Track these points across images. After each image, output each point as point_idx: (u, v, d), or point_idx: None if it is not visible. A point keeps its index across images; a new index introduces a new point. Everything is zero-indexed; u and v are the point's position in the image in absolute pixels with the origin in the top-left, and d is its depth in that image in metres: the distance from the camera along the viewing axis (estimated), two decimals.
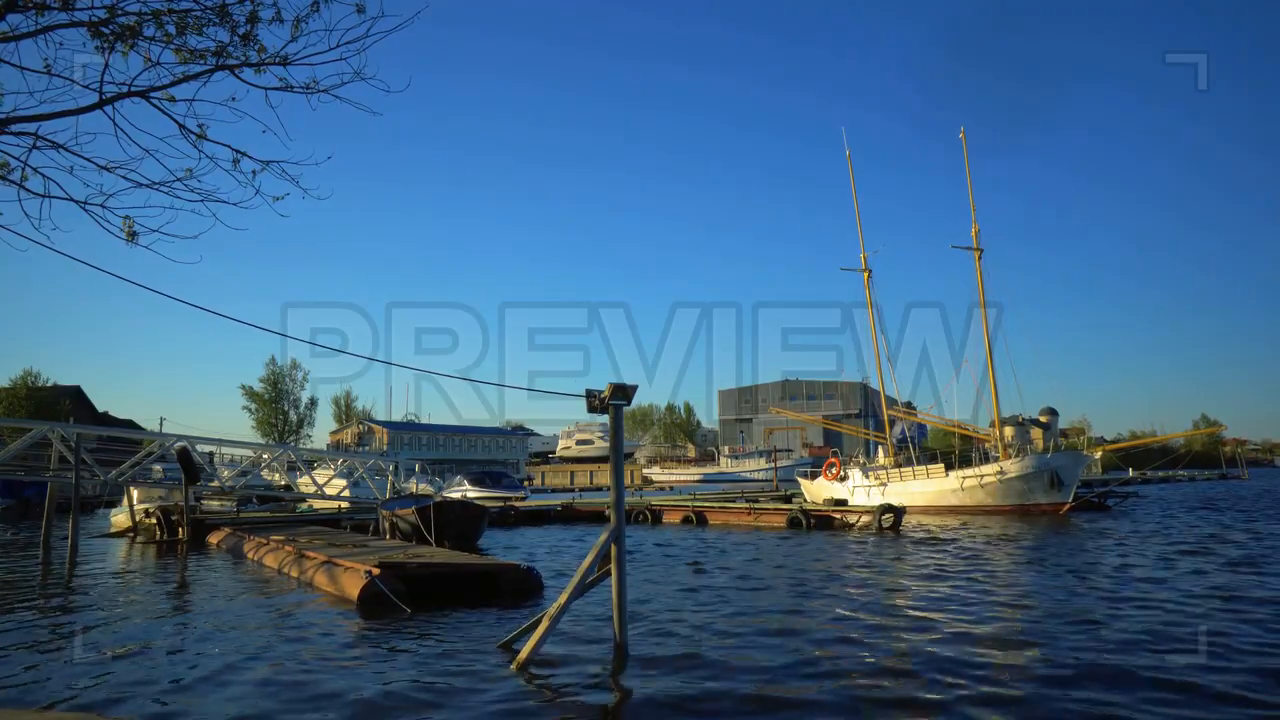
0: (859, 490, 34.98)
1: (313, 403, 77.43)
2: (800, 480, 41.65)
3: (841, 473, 37.13)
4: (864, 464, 38.06)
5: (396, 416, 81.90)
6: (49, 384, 60.09)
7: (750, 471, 71.42)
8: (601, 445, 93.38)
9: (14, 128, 5.38)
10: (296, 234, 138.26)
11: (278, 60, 5.72)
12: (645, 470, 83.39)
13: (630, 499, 31.00)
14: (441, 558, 12.97)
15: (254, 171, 5.92)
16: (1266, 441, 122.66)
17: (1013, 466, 30.91)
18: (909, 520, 25.51)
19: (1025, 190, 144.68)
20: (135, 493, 24.44)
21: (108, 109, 5.55)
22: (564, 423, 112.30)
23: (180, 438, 23.64)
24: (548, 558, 17.55)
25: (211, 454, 26.89)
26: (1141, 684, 6.87)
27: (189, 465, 21.55)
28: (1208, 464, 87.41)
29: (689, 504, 29.97)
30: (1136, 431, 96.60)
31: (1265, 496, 40.21)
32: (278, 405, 74.90)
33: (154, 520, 23.02)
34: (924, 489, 33.00)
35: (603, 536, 8.08)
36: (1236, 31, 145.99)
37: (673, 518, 28.74)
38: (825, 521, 24.75)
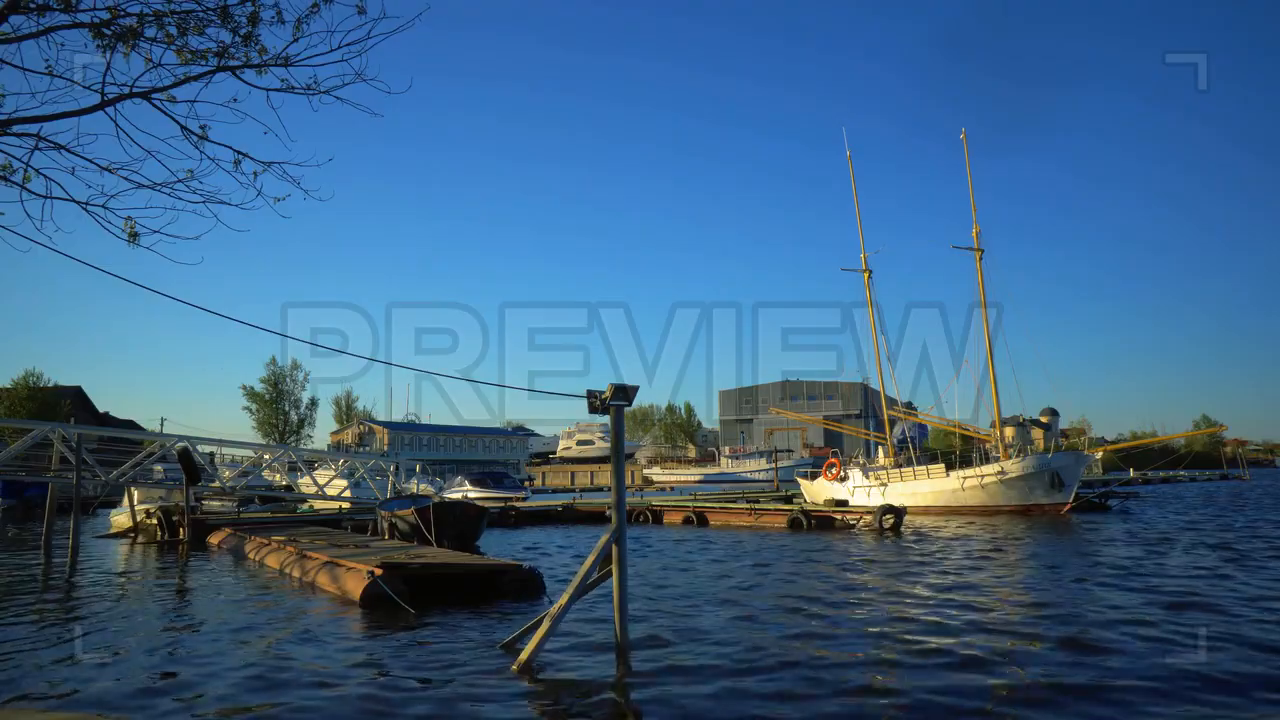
0: (859, 491, 34.96)
1: (313, 403, 77.50)
2: (800, 481, 41.61)
3: (842, 473, 37.10)
4: (864, 464, 38.02)
5: (397, 417, 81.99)
6: (50, 384, 60.13)
7: (751, 472, 71.31)
8: (602, 446, 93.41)
9: (16, 129, 5.39)
10: (297, 235, 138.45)
11: (279, 61, 5.73)
12: (646, 471, 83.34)
13: (631, 499, 31.00)
14: (443, 558, 12.97)
15: (255, 173, 5.94)
16: (1267, 442, 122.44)
17: (1014, 467, 30.89)
18: (910, 520, 25.50)
19: (1025, 190, 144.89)
20: (136, 493, 24.44)
21: (109, 110, 5.56)
22: (564, 423, 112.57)
23: (181, 438, 23.64)
24: (549, 558, 17.55)
25: (212, 454, 26.93)
26: (1143, 684, 6.87)
27: (190, 466, 21.55)
28: (1208, 465, 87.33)
29: (690, 504, 29.97)
30: (1137, 432, 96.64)
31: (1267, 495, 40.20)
32: (278, 406, 74.88)
33: (155, 521, 23.02)
34: (924, 489, 32.98)
35: (604, 538, 8.08)
36: (1236, 31, 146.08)
37: (673, 518, 28.74)
38: (826, 522, 24.74)
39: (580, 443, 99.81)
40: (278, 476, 32.34)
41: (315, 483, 27.46)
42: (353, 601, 11.07)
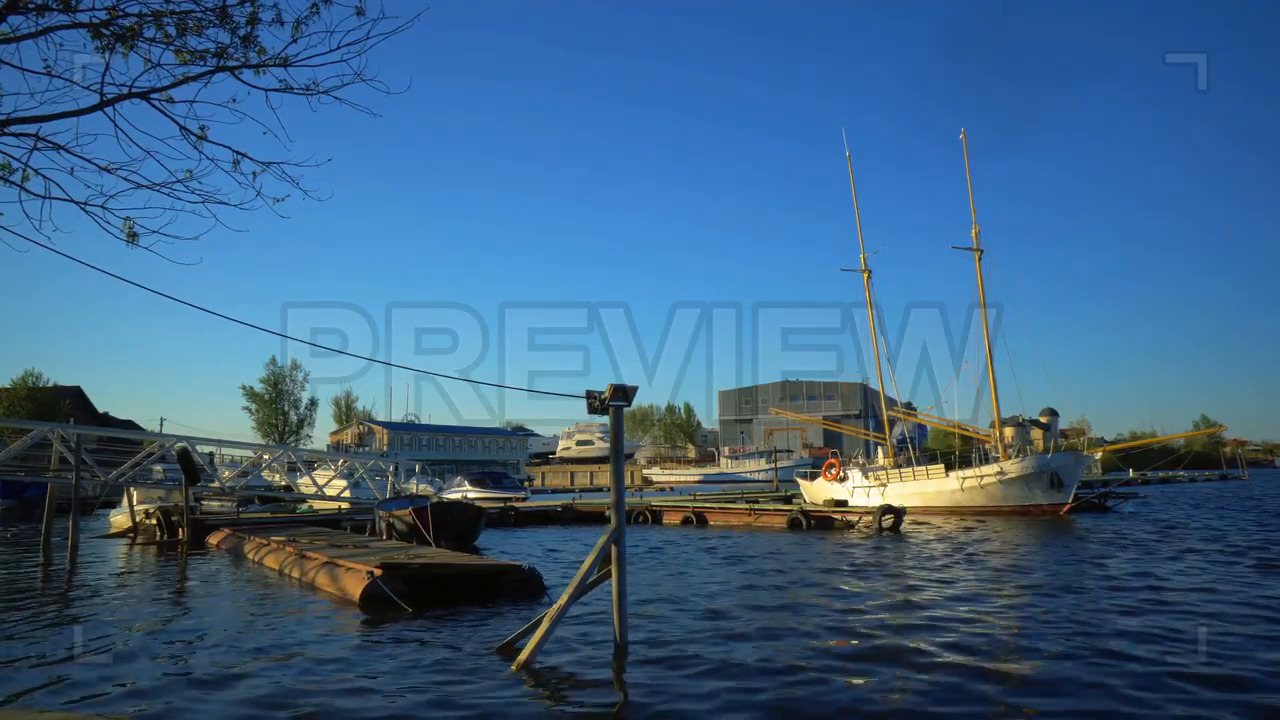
0: (859, 491, 34.95)
1: (313, 403, 77.41)
2: (800, 481, 41.60)
3: (841, 473, 37.09)
4: (864, 465, 38.01)
5: (396, 417, 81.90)
6: (49, 384, 60.04)
7: (750, 472, 71.31)
8: (602, 446, 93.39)
9: (15, 129, 5.39)
10: (297, 235, 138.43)
11: (278, 61, 5.73)
12: (645, 471, 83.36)
13: (630, 500, 30.97)
14: (443, 558, 12.97)
15: (254, 173, 5.94)
16: (1267, 443, 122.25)
17: (1013, 467, 30.90)
18: (909, 521, 25.50)
19: (1025, 190, 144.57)
20: (135, 493, 24.44)
21: (108, 110, 5.56)
22: (564, 423, 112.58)
23: (180, 438, 23.63)
24: (548, 558, 17.54)
25: (212, 455, 26.87)
26: (1143, 685, 6.87)
27: (189, 466, 21.54)
28: (1207, 465, 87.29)
29: (689, 505, 29.98)
30: (1136, 432, 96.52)
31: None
32: (278, 406, 74.83)
33: (154, 521, 23.02)
34: (924, 490, 32.98)
35: (603, 538, 8.09)
36: (1236, 31, 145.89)
37: (673, 519, 28.74)
38: (825, 522, 24.75)
39: (580, 443, 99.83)
40: (277, 477, 32.32)
41: (315, 483, 27.44)
42: (352, 602, 11.07)
